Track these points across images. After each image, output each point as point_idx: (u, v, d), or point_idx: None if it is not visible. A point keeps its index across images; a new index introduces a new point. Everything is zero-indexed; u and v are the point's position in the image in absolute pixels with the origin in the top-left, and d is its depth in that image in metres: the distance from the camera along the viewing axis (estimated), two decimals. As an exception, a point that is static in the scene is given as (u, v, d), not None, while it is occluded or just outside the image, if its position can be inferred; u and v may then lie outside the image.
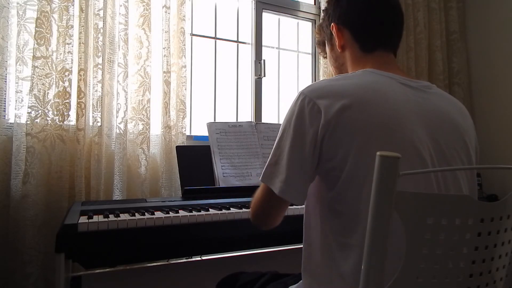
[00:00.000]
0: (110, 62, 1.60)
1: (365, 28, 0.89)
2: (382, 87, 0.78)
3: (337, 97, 0.74)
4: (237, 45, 2.16)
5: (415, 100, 0.79)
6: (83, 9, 1.51)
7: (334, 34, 0.94)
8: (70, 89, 1.48)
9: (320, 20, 1.04)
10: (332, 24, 0.93)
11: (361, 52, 0.90)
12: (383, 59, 0.88)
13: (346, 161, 0.72)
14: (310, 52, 2.38)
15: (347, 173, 0.72)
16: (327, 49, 1.02)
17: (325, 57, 1.06)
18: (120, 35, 1.61)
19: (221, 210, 1.21)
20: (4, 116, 1.45)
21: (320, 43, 1.06)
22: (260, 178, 0.82)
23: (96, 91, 1.55)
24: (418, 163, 0.73)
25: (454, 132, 0.81)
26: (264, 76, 2.14)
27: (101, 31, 1.56)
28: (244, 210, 1.22)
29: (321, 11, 1.02)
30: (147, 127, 1.65)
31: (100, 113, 1.55)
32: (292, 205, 1.01)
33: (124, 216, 1.09)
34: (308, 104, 0.75)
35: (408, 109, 0.77)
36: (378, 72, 0.83)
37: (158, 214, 1.13)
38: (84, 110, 1.49)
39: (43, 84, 1.44)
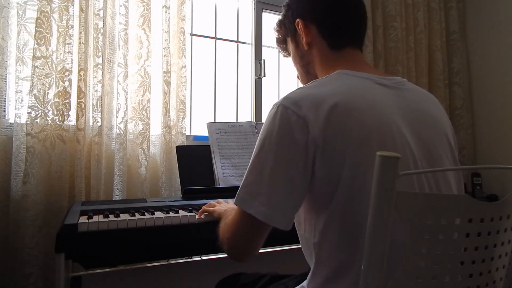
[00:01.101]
0: (110, 62, 1.60)
1: (333, 24, 0.85)
2: (363, 92, 0.75)
3: (321, 106, 0.69)
4: (237, 45, 2.16)
5: (395, 100, 0.77)
6: (83, 9, 1.51)
7: (299, 31, 0.88)
8: (70, 89, 1.48)
9: (281, 16, 0.97)
10: (298, 20, 0.88)
11: (329, 49, 0.86)
12: (353, 57, 0.85)
13: (340, 175, 0.68)
14: (310, 52, 2.38)
15: (343, 188, 0.68)
16: (291, 47, 0.95)
17: (286, 56, 1.00)
18: (120, 35, 1.61)
19: (221, 210, 1.21)
20: (4, 116, 1.45)
21: (280, 41, 0.99)
22: (235, 201, 0.72)
23: (96, 91, 1.55)
24: (413, 167, 0.72)
25: (436, 128, 0.80)
26: (264, 76, 2.14)
27: (101, 31, 1.56)
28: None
29: (282, 6, 0.95)
30: (147, 127, 1.65)
31: (100, 113, 1.55)
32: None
33: (124, 216, 1.09)
34: (292, 116, 0.69)
35: (392, 112, 0.74)
36: (353, 73, 0.79)
37: (158, 214, 1.13)
38: (84, 110, 1.49)
39: (43, 84, 1.44)
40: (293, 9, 0.91)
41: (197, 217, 1.12)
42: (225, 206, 1.08)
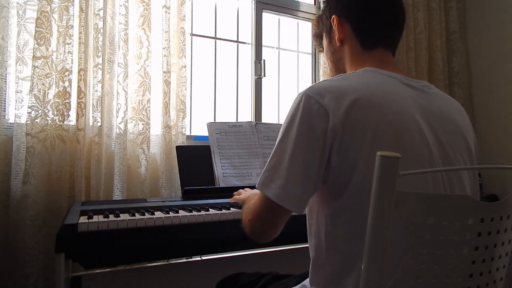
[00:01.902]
0: (110, 62, 1.60)
1: (368, 24, 0.86)
2: (387, 87, 0.77)
3: (344, 98, 0.71)
4: (237, 45, 2.16)
5: (418, 101, 0.78)
6: (83, 9, 1.51)
7: (334, 27, 0.90)
8: (70, 89, 1.48)
9: (320, 11, 0.99)
10: (333, 16, 0.89)
11: (361, 48, 0.87)
12: (382, 58, 0.86)
13: (356, 165, 0.69)
14: (310, 52, 2.38)
15: (357, 179, 0.69)
16: (325, 42, 0.97)
17: (321, 51, 1.02)
18: (120, 35, 1.61)
19: (221, 210, 1.21)
20: (4, 116, 1.45)
21: (317, 35, 1.02)
22: (256, 185, 0.77)
23: (96, 91, 1.55)
24: (428, 165, 0.73)
25: (456, 133, 0.81)
26: (264, 76, 2.14)
27: (101, 31, 1.56)
28: (244, 210, 1.22)
29: (322, 1, 0.98)
30: (147, 127, 1.65)
31: (100, 113, 1.55)
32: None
33: (124, 216, 1.09)
34: (314, 105, 0.72)
35: (414, 111, 0.75)
36: (380, 71, 0.80)
37: (158, 214, 1.13)
38: (84, 110, 1.49)
39: (43, 84, 1.44)
40: (331, 5, 0.92)
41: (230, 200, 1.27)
42: (250, 192, 1.16)
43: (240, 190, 1.29)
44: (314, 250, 0.80)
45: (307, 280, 0.85)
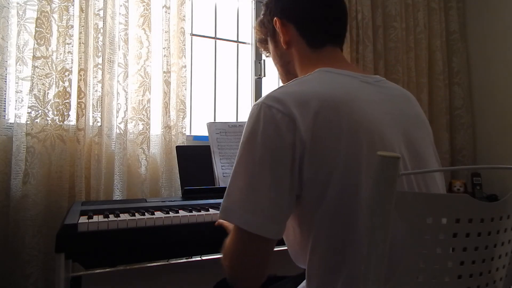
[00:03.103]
0: (110, 62, 1.60)
1: (311, 23, 0.82)
2: (349, 88, 0.73)
3: (307, 103, 0.66)
4: (237, 45, 2.16)
5: (380, 98, 0.75)
6: (83, 9, 1.51)
7: (277, 30, 0.86)
8: (70, 89, 1.48)
9: (261, 15, 0.93)
10: (275, 18, 0.85)
11: (308, 48, 0.83)
12: (333, 56, 0.82)
13: (331, 176, 0.64)
14: (310, 52, 2.38)
15: (333, 191, 0.64)
16: (271, 46, 0.92)
17: (268, 56, 0.97)
18: (120, 35, 1.61)
19: (221, 210, 1.20)
20: (4, 116, 1.45)
21: (261, 41, 0.96)
22: (219, 216, 0.66)
23: (96, 91, 1.55)
24: (402, 166, 0.70)
25: (421, 128, 0.78)
26: (264, 76, 2.14)
27: (101, 31, 1.56)
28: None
29: (262, 5, 0.93)
30: (147, 127, 1.65)
31: (100, 113, 1.55)
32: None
33: (124, 216, 1.09)
34: (276, 115, 0.65)
35: (378, 109, 0.71)
36: (335, 71, 0.76)
37: (158, 214, 1.13)
38: (84, 110, 1.49)
39: (43, 84, 1.44)
40: (271, 8, 0.88)
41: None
42: None
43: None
44: (299, 264, 0.76)
45: (304, 282, 0.85)
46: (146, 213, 1.13)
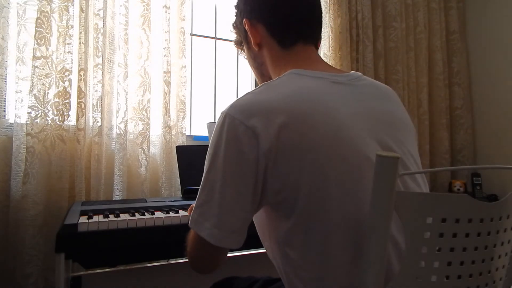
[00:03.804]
0: (110, 62, 1.60)
1: (280, 21, 0.80)
2: (318, 94, 0.68)
3: (272, 115, 0.63)
4: (237, 45, 2.16)
5: (352, 99, 0.71)
6: (83, 9, 1.51)
7: (248, 31, 0.84)
8: (70, 89, 1.48)
9: (234, 17, 0.93)
10: (244, 20, 0.84)
11: (279, 48, 0.80)
12: (305, 55, 0.79)
13: (299, 188, 0.62)
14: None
15: (302, 201, 0.62)
16: (245, 48, 0.90)
17: (245, 58, 0.95)
18: (120, 35, 1.61)
19: (221, 210, 1.20)
20: (4, 116, 1.45)
21: (237, 42, 0.95)
22: (189, 223, 0.69)
23: (96, 91, 1.55)
24: (372, 170, 0.66)
25: (396, 125, 0.74)
26: (264, 76, 2.14)
27: (101, 31, 1.56)
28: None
29: (234, 7, 0.91)
30: (147, 127, 1.65)
31: (100, 113, 1.55)
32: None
33: (124, 216, 1.09)
34: (239, 127, 0.64)
35: (349, 113, 0.68)
36: (306, 73, 0.73)
37: (158, 214, 1.13)
38: (84, 110, 1.50)
39: (43, 84, 1.44)
40: (241, 9, 0.87)
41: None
42: None
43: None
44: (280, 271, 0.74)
45: None
46: (146, 213, 1.13)
